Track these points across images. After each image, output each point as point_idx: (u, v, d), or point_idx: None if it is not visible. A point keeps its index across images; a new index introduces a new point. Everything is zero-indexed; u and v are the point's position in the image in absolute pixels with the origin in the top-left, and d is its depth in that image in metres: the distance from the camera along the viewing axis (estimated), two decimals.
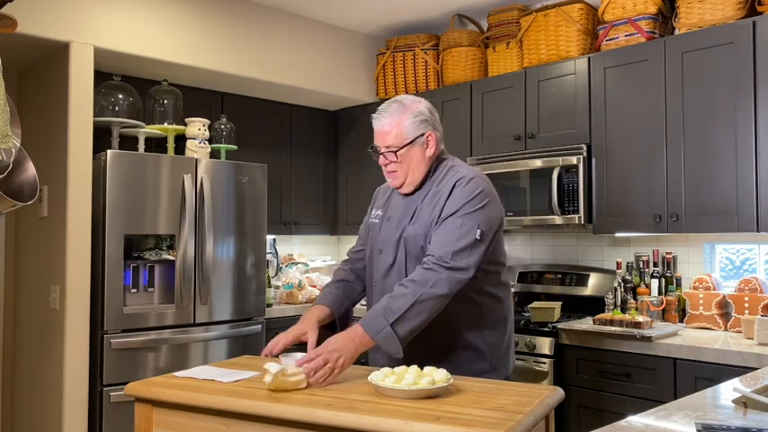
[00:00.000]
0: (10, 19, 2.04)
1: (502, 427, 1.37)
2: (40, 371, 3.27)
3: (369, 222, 2.23)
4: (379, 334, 1.81)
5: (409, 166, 2.05)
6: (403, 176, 2.06)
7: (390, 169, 2.06)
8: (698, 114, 2.87)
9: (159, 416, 1.78)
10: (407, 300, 1.83)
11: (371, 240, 2.16)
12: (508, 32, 3.74)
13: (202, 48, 3.54)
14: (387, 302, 1.84)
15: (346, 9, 3.95)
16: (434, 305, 1.85)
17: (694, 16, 2.97)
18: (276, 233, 4.28)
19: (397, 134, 2.02)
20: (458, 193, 1.97)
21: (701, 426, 1.28)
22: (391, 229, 2.08)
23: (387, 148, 2.04)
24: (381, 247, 2.09)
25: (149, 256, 3.28)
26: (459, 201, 1.95)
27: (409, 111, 2.04)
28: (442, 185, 2.02)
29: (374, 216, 2.20)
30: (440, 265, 1.86)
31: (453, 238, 1.90)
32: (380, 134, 2.05)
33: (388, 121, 2.03)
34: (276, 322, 3.86)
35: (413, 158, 2.04)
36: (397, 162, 2.04)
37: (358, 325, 1.84)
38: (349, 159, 4.54)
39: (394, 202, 2.15)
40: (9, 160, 2.09)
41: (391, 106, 2.05)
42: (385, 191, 2.26)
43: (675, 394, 2.52)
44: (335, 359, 1.76)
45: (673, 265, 3.19)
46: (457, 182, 1.99)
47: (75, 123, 3.10)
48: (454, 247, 1.88)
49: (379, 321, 1.82)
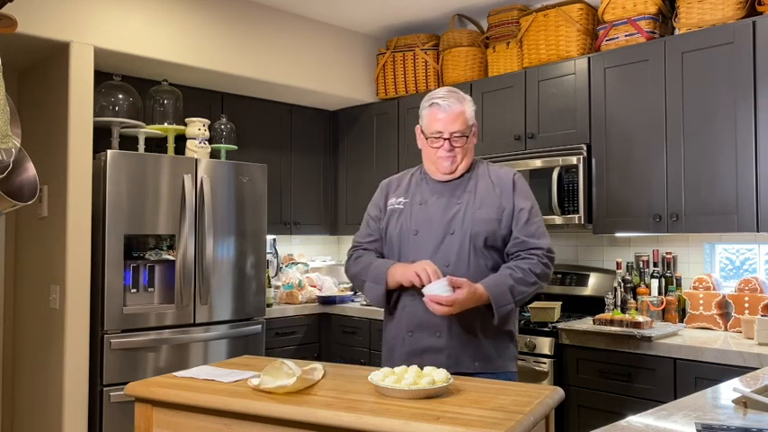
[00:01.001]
0: (10, 19, 2.04)
1: (502, 427, 1.37)
2: (40, 371, 3.27)
3: (389, 209, 2.27)
4: (502, 308, 2.03)
5: (466, 152, 2.18)
6: (460, 159, 2.17)
7: (450, 154, 2.15)
8: (698, 114, 2.87)
9: (159, 416, 1.78)
10: (529, 289, 2.07)
11: (399, 224, 2.21)
12: (508, 32, 3.74)
13: (202, 48, 3.54)
14: (513, 282, 2.04)
15: (346, 9, 3.95)
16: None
17: (694, 16, 2.97)
18: (276, 233, 4.28)
19: (464, 120, 2.14)
20: (521, 186, 2.18)
21: (700, 426, 1.28)
22: (433, 211, 2.16)
23: (454, 133, 2.13)
24: (417, 228, 2.16)
25: (149, 256, 3.28)
26: (528, 194, 2.19)
27: (468, 99, 2.19)
28: (493, 176, 2.19)
29: (396, 203, 2.25)
30: (550, 259, 2.12)
31: (545, 231, 2.16)
32: (449, 119, 2.13)
33: (459, 107, 2.14)
34: (276, 322, 3.87)
35: (469, 143, 2.19)
36: (460, 147, 2.15)
37: (484, 290, 2.00)
38: (349, 159, 4.54)
39: (424, 188, 2.24)
40: (9, 160, 2.09)
41: (453, 94, 2.16)
42: (398, 181, 2.34)
43: (675, 394, 2.52)
44: (458, 306, 1.96)
45: (673, 265, 3.19)
46: (514, 176, 2.20)
47: (75, 123, 3.10)
48: (550, 242, 2.15)
49: (505, 297, 2.03)
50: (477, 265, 2.10)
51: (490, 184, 2.18)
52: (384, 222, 2.27)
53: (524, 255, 2.11)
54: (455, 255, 2.10)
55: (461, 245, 2.11)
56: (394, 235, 2.22)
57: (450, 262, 2.10)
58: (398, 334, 2.17)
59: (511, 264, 2.10)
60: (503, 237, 2.14)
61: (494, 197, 2.15)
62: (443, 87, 2.23)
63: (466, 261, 2.10)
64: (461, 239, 2.11)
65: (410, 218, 2.19)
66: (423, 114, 2.21)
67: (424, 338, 2.10)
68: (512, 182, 2.18)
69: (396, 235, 2.21)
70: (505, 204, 2.14)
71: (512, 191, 2.16)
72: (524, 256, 2.11)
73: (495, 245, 2.13)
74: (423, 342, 2.10)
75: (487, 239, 2.11)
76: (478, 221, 2.11)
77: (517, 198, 2.15)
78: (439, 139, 2.15)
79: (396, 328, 2.19)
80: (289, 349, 3.91)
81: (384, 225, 2.26)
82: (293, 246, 4.69)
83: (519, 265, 2.08)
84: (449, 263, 2.09)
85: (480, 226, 2.11)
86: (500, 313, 2.03)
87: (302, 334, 4.02)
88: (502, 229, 2.13)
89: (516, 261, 2.11)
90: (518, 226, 2.13)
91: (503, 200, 2.15)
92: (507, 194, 2.16)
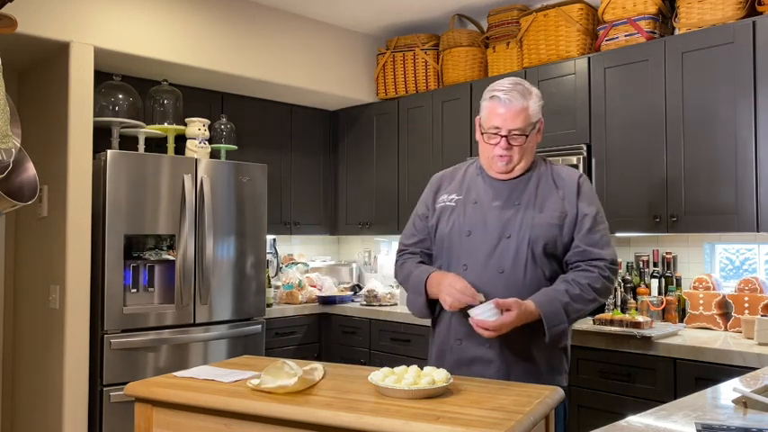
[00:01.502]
0: (10, 19, 2.04)
1: (502, 427, 1.37)
2: (40, 371, 3.27)
3: (439, 206, 2.12)
4: (554, 328, 1.89)
5: (525, 150, 2.01)
6: (518, 160, 2.01)
7: (507, 153, 1.98)
8: (698, 114, 2.87)
9: (159, 416, 1.78)
10: (586, 306, 1.93)
11: (450, 223, 2.06)
12: (508, 32, 3.74)
13: (202, 48, 3.54)
14: (569, 299, 1.89)
15: (346, 9, 3.95)
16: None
17: (694, 16, 2.97)
18: (276, 233, 4.28)
19: (525, 116, 1.97)
20: (586, 190, 2.04)
21: (700, 426, 1.28)
22: (489, 211, 2.01)
23: (513, 131, 1.96)
24: (471, 228, 2.01)
25: (149, 256, 3.27)
26: (593, 198, 2.04)
27: (534, 93, 2.01)
28: (555, 177, 2.04)
29: (448, 200, 2.10)
30: (613, 272, 1.97)
31: (609, 241, 2.01)
32: (509, 115, 1.96)
33: (520, 103, 1.96)
34: (276, 322, 3.87)
35: (530, 142, 2.01)
36: (519, 146, 1.98)
37: (535, 308, 1.87)
38: (349, 159, 4.54)
39: (479, 186, 2.08)
40: (9, 160, 2.09)
41: (516, 87, 1.98)
42: (451, 176, 2.19)
43: (675, 394, 2.52)
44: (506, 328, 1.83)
45: (673, 265, 3.19)
46: (579, 177, 2.05)
47: (75, 123, 3.10)
48: (614, 252, 2.00)
49: (558, 316, 1.89)
50: (534, 273, 1.96)
51: (552, 186, 2.02)
52: (433, 220, 2.11)
53: (584, 266, 1.96)
54: (510, 261, 1.95)
55: (518, 250, 1.95)
56: (444, 234, 2.07)
57: (504, 268, 1.95)
58: (447, 341, 2.04)
59: (569, 276, 1.95)
60: (563, 244, 1.98)
61: (556, 200, 2.00)
62: (509, 78, 2.04)
63: (522, 268, 1.95)
64: (518, 244, 1.95)
65: (463, 217, 2.04)
66: (482, 106, 2.03)
67: (473, 348, 1.97)
68: (576, 185, 2.02)
69: (446, 234, 2.06)
70: (568, 209, 1.98)
71: (576, 195, 2.00)
72: (584, 267, 1.96)
73: (554, 252, 1.98)
74: (471, 352, 1.98)
75: (547, 246, 1.96)
76: (538, 226, 1.96)
77: (581, 203, 2.00)
78: (496, 136, 1.98)
79: (444, 333, 2.06)
80: (289, 349, 3.91)
81: (434, 223, 2.11)
82: (293, 246, 4.69)
83: (577, 280, 1.93)
84: (503, 269, 1.95)
85: (540, 231, 1.95)
86: (552, 333, 1.89)
87: (302, 334, 4.02)
88: (563, 235, 1.97)
89: (575, 273, 1.96)
90: (580, 233, 1.97)
91: (565, 204, 1.99)
92: (571, 198, 2.00)
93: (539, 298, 1.89)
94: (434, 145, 3.96)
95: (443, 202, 2.11)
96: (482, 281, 1.94)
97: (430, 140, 3.99)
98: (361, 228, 4.42)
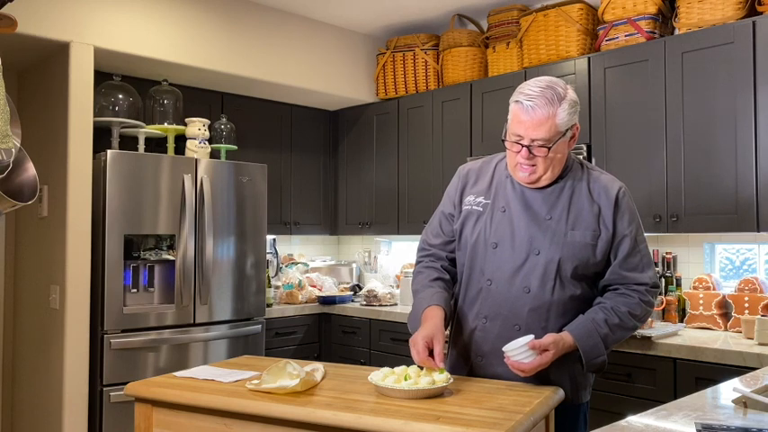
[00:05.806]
0: (10, 19, 2.04)
1: (502, 427, 1.37)
2: (40, 371, 3.27)
3: (465, 209, 1.95)
4: (593, 361, 1.77)
5: (553, 161, 1.79)
6: (543, 171, 1.80)
7: (529, 163, 1.79)
8: (698, 114, 2.87)
9: (159, 416, 1.78)
10: (626, 334, 1.83)
11: (476, 231, 1.90)
12: (508, 32, 3.74)
13: (202, 48, 3.54)
14: (608, 330, 1.77)
15: (346, 9, 3.95)
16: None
17: (694, 16, 2.97)
18: (276, 233, 4.28)
19: (550, 126, 1.74)
20: (626, 206, 1.84)
21: (700, 426, 1.28)
22: (517, 222, 1.85)
23: (535, 141, 1.75)
24: (497, 240, 1.85)
25: (149, 256, 3.28)
26: (633, 215, 1.85)
27: (565, 99, 1.76)
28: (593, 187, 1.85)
29: (475, 203, 1.93)
30: (653, 295, 1.85)
31: (650, 261, 1.87)
32: (531, 124, 1.74)
33: (545, 111, 1.73)
34: (276, 322, 3.87)
35: (558, 152, 1.79)
36: (542, 157, 1.78)
37: (573, 341, 1.75)
38: (349, 159, 4.54)
39: (508, 192, 1.90)
40: (9, 160, 2.09)
41: (545, 92, 1.74)
42: (478, 173, 1.99)
43: (675, 394, 2.52)
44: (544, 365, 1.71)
45: (673, 265, 3.19)
46: (619, 191, 1.85)
47: (75, 123, 3.10)
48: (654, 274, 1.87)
49: (597, 349, 1.77)
50: (562, 294, 1.80)
51: (588, 199, 1.83)
52: (459, 224, 1.95)
53: (624, 290, 1.83)
54: (538, 280, 1.80)
55: (546, 269, 1.80)
56: (469, 243, 1.91)
57: (531, 288, 1.80)
58: (467, 355, 1.92)
59: (607, 304, 1.80)
60: (596, 263, 1.82)
61: (590, 216, 1.81)
62: (538, 80, 1.80)
63: (550, 289, 1.80)
64: (546, 263, 1.80)
65: (490, 226, 1.87)
66: (510, 109, 1.84)
67: (494, 367, 1.85)
68: (614, 200, 1.82)
69: (471, 244, 1.90)
70: (603, 228, 1.81)
71: (612, 211, 1.81)
72: (623, 291, 1.82)
73: (585, 273, 1.83)
74: (492, 369, 1.86)
75: (578, 268, 1.80)
76: (570, 245, 1.79)
77: (619, 221, 1.81)
78: (517, 144, 1.78)
79: (464, 347, 1.93)
80: (289, 349, 3.91)
81: (459, 227, 1.95)
82: (293, 246, 4.69)
83: (616, 309, 1.79)
84: (530, 288, 1.80)
85: (571, 250, 1.79)
86: (590, 367, 1.78)
87: (302, 334, 4.02)
88: (596, 255, 1.81)
89: (614, 299, 1.82)
90: (618, 258, 1.82)
91: (601, 221, 1.81)
92: (607, 215, 1.81)
93: (577, 331, 1.76)
94: (434, 145, 3.96)
95: (470, 205, 1.94)
96: (507, 298, 1.83)
97: (430, 140, 3.99)
98: (361, 228, 4.42)
